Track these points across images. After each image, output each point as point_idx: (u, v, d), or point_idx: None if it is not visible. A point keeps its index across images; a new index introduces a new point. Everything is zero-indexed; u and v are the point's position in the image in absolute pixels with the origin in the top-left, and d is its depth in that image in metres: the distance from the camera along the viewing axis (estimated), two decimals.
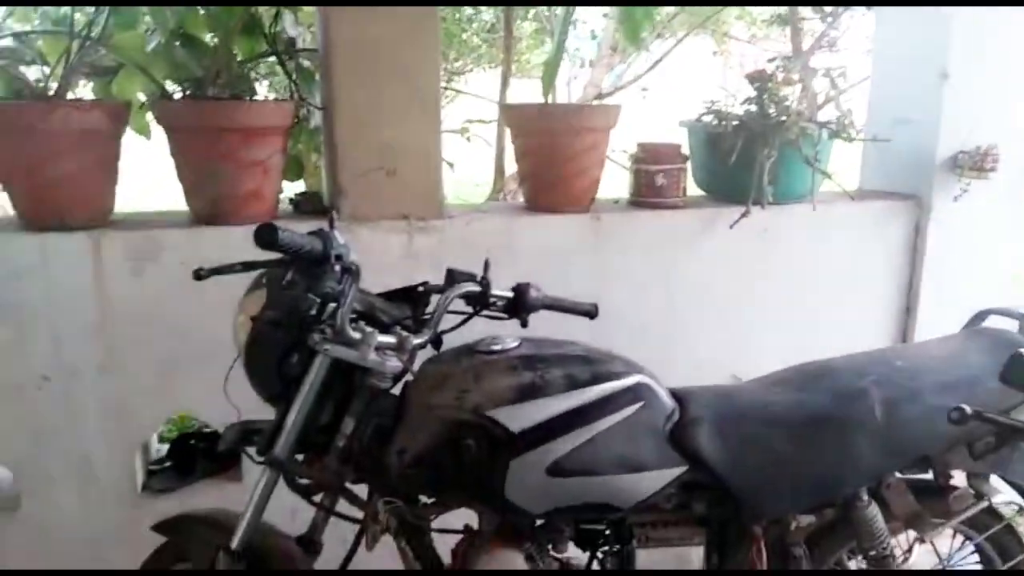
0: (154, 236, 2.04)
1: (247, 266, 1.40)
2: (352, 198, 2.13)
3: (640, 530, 1.58)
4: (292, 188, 2.45)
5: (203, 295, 2.06)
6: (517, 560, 1.49)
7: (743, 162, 2.31)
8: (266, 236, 1.25)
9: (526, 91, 5.39)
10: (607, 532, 1.58)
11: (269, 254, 1.36)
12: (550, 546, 1.55)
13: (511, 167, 5.14)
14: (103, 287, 2.02)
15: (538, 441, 1.39)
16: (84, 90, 2.37)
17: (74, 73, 2.04)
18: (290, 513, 1.59)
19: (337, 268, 1.34)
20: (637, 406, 1.47)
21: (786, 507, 1.58)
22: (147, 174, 2.18)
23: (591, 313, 1.72)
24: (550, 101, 2.41)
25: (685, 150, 2.51)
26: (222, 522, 1.65)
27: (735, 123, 2.35)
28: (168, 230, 2.07)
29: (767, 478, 1.51)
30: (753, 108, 2.39)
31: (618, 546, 1.57)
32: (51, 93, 1.99)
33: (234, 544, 1.51)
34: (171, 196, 2.70)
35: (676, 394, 1.57)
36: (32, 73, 2.09)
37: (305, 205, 2.23)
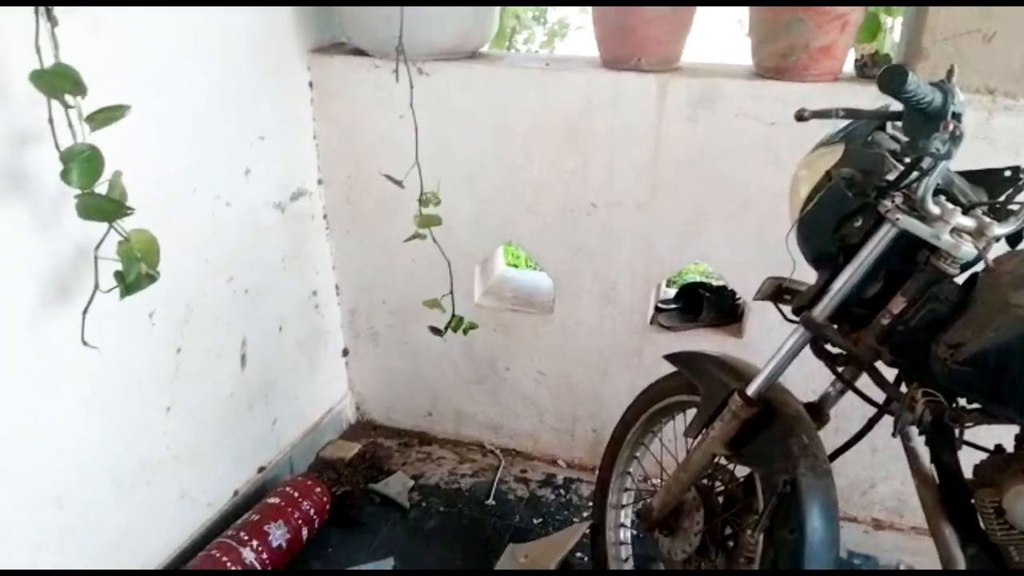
0: (715, 84, 2.05)
1: (849, 113, 1.32)
2: (931, 63, 1.89)
3: None
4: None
5: (747, 150, 2.08)
6: None
7: None
8: (893, 79, 1.14)
9: None
10: None
11: (877, 101, 1.26)
12: None
13: None
14: (659, 129, 2.12)
15: None
16: None
17: None
18: (782, 380, 1.57)
19: (950, 128, 1.19)
20: None
21: None
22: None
23: None
24: None
25: None
26: (736, 368, 1.71)
27: None
28: (729, 80, 2.06)
29: None
30: None
31: None
32: None
33: (751, 390, 1.55)
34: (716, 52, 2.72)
35: None
36: None
37: (871, 68, 2.04)
